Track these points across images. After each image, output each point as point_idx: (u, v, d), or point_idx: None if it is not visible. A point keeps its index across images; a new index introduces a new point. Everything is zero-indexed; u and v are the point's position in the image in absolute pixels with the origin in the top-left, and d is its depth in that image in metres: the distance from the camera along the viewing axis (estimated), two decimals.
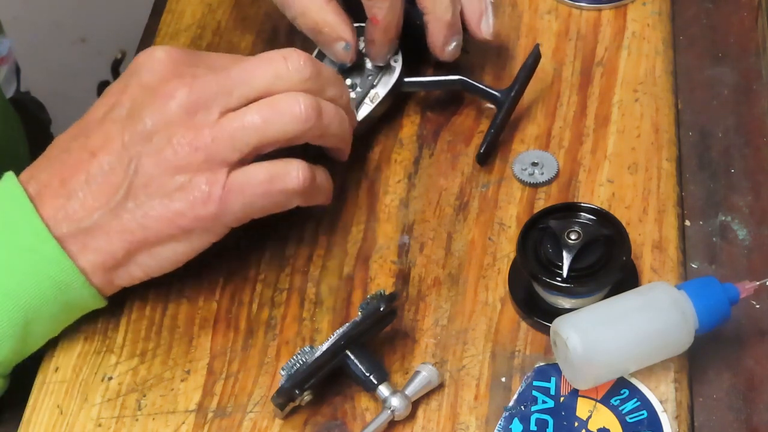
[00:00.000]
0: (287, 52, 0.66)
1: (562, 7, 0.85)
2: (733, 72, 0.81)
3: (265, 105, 0.65)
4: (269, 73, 0.66)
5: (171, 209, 0.64)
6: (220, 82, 0.65)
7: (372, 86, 0.77)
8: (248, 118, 0.64)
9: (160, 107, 0.64)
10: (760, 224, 0.73)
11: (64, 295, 0.65)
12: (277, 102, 0.65)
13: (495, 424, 0.64)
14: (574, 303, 0.67)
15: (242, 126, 0.64)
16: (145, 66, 0.66)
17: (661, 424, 0.63)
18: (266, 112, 0.65)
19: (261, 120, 0.64)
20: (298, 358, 0.63)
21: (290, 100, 0.65)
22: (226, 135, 0.64)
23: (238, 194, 0.65)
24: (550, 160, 0.76)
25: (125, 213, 0.64)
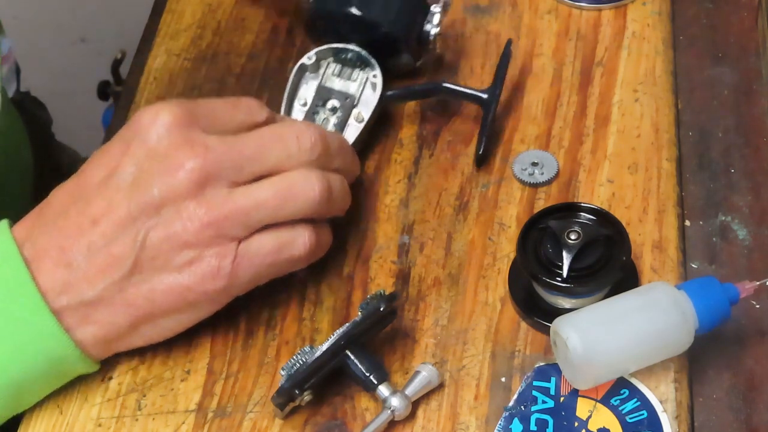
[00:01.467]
0: (300, 130, 0.65)
1: (562, 7, 0.85)
2: (733, 72, 0.81)
3: (279, 185, 0.64)
4: (281, 153, 0.64)
5: (179, 284, 0.62)
6: (232, 156, 0.63)
7: (353, 105, 0.76)
8: (262, 197, 0.63)
9: (170, 178, 0.62)
10: (760, 224, 0.73)
11: (58, 367, 0.63)
12: (292, 183, 0.64)
13: (495, 424, 0.64)
14: (574, 303, 0.67)
15: (256, 205, 0.63)
16: (151, 129, 0.63)
17: (661, 424, 0.63)
18: (281, 193, 0.63)
19: (275, 201, 0.63)
20: (298, 358, 0.63)
21: (305, 183, 0.64)
22: (239, 212, 0.62)
23: (246, 267, 0.63)
24: (550, 160, 0.76)
25: (130, 286, 0.62)
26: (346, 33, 0.77)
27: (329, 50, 0.78)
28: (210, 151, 0.62)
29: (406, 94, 0.79)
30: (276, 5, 0.79)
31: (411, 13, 0.78)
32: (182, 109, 0.63)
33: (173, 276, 0.62)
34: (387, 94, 0.77)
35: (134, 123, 0.64)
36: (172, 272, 0.62)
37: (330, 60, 0.78)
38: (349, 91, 0.77)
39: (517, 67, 0.82)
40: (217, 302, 0.65)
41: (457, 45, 0.84)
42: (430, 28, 0.78)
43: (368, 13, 0.76)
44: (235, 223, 0.62)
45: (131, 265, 0.62)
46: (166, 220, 0.62)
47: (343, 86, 0.77)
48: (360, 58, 0.77)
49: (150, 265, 0.62)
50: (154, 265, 0.62)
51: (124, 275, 0.62)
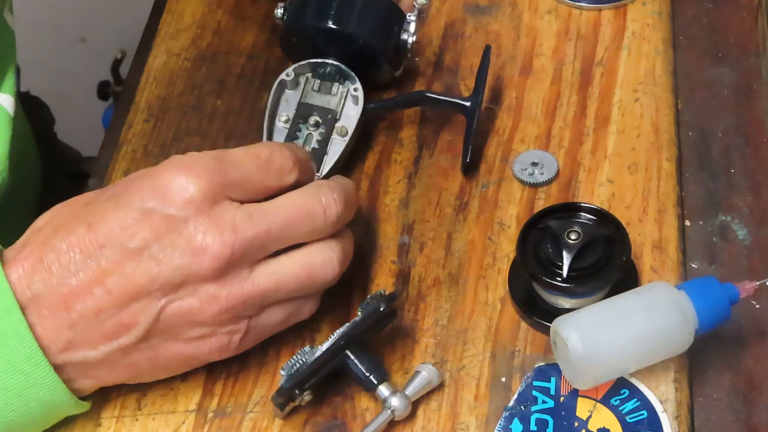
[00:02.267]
0: (328, 204, 0.62)
1: (562, 7, 0.85)
2: (733, 72, 0.81)
3: (302, 267, 0.62)
4: (307, 228, 0.62)
5: (185, 354, 0.62)
6: (260, 237, 0.60)
7: (336, 120, 0.76)
8: (281, 279, 0.62)
9: (193, 260, 0.59)
10: (760, 224, 0.73)
11: (52, 412, 0.62)
12: (314, 263, 0.63)
13: (495, 424, 0.64)
14: (574, 303, 0.67)
15: (276, 288, 0.62)
16: (176, 200, 0.59)
17: (661, 424, 0.63)
18: (302, 275, 0.62)
19: (295, 284, 0.62)
20: (298, 358, 0.63)
21: (326, 263, 0.63)
22: (257, 296, 0.61)
23: (253, 338, 0.64)
24: (550, 160, 0.76)
25: (135, 352, 0.61)
26: (322, 47, 0.77)
27: (307, 65, 0.77)
28: (237, 235, 0.59)
29: (388, 105, 0.78)
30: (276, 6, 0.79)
31: (386, 24, 0.77)
32: (211, 180, 0.60)
33: (181, 346, 0.62)
34: (369, 106, 0.76)
35: (160, 188, 0.60)
36: (180, 342, 0.62)
37: (308, 75, 0.77)
38: (330, 106, 0.76)
39: (517, 67, 0.82)
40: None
41: (457, 45, 0.84)
42: (407, 36, 0.78)
43: (344, 27, 0.76)
44: (253, 304, 0.62)
45: (140, 336, 0.60)
46: (183, 299, 0.60)
47: (323, 101, 0.76)
48: (339, 71, 0.77)
49: (159, 336, 0.61)
50: (164, 336, 0.61)
51: (131, 343, 0.61)
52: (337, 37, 0.76)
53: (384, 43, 0.77)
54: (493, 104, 0.80)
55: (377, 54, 0.77)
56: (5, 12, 0.76)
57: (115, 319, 0.60)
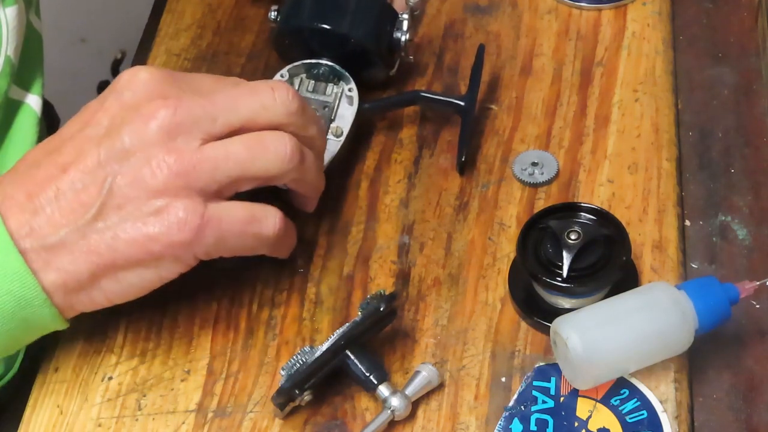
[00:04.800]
0: (276, 84, 0.65)
1: (562, 7, 0.85)
2: (733, 72, 0.81)
3: (251, 139, 0.63)
4: (256, 103, 0.64)
5: (144, 233, 0.61)
6: (205, 106, 0.62)
7: (331, 120, 0.75)
8: (233, 149, 0.62)
9: (141, 127, 0.62)
10: (760, 224, 0.73)
11: (23, 311, 0.62)
12: (264, 138, 0.63)
13: (495, 424, 0.64)
14: (574, 303, 0.67)
15: (226, 156, 0.62)
16: (128, 85, 0.63)
17: (661, 424, 0.63)
18: (252, 146, 0.63)
19: (246, 153, 0.63)
20: (298, 358, 0.63)
21: (277, 139, 0.63)
22: (209, 163, 0.62)
23: (214, 227, 0.62)
24: (550, 160, 0.76)
25: (94, 233, 0.61)
26: (316, 48, 0.77)
27: (301, 66, 0.77)
28: (182, 101, 0.62)
29: (383, 105, 0.78)
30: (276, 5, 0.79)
31: (379, 23, 0.77)
32: (162, 70, 0.64)
33: (138, 225, 0.61)
34: (364, 106, 0.76)
35: (114, 82, 0.64)
36: (137, 221, 0.61)
37: (303, 76, 0.77)
38: (325, 106, 0.76)
39: (517, 67, 0.82)
40: (180, 261, 0.63)
41: (457, 45, 0.84)
42: (400, 35, 0.78)
43: (336, 27, 0.76)
44: (205, 174, 0.62)
45: (96, 212, 0.61)
46: (134, 167, 0.61)
47: (318, 102, 0.76)
48: (333, 72, 0.76)
49: (115, 213, 0.61)
50: (120, 213, 0.61)
51: (87, 221, 0.61)
52: (330, 37, 0.76)
53: (377, 42, 0.77)
54: (493, 104, 0.80)
55: (370, 53, 0.77)
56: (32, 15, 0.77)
57: (72, 199, 0.61)
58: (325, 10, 0.76)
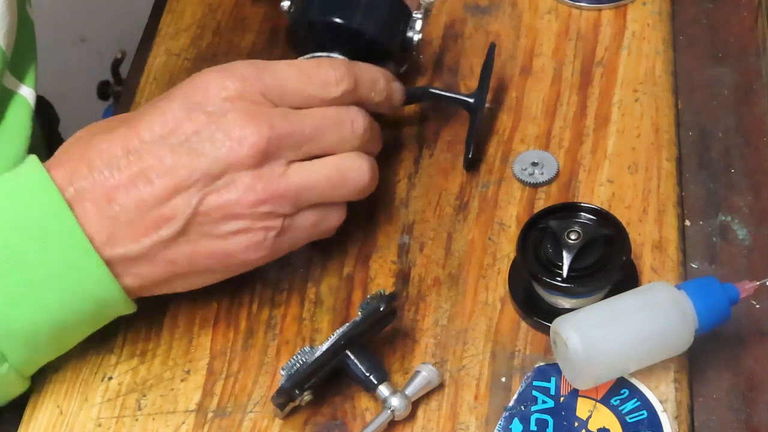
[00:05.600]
0: (355, 116, 0.67)
1: (562, 7, 0.85)
2: (733, 72, 0.81)
3: (332, 169, 0.66)
4: (336, 137, 0.66)
5: (222, 250, 0.64)
6: (293, 136, 0.64)
7: None
8: (315, 178, 0.65)
9: (231, 150, 0.62)
10: (760, 224, 0.73)
11: (103, 310, 0.64)
12: (344, 169, 0.66)
13: (495, 424, 0.64)
14: (574, 303, 0.67)
15: (309, 186, 0.64)
16: (217, 97, 0.63)
17: (661, 424, 0.63)
18: (335, 177, 0.66)
19: (328, 184, 0.65)
20: (298, 358, 0.63)
21: (358, 170, 0.66)
22: (293, 192, 0.64)
23: (287, 240, 0.65)
24: (550, 160, 0.76)
25: (175, 246, 0.63)
26: (328, 42, 0.76)
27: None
28: (274, 129, 0.63)
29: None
30: (276, 5, 0.79)
31: (394, 21, 0.77)
32: (248, 81, 0.64)
33: (218, 242, 0.63)
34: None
35: (200, 88, 0.64)
36: (218, 239, 0.63)
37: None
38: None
39: (517, 67, 0.82)
40: (249, 267, 0.66)
41: (457, 45, 0.84)
42: (413, 34, 0.77)
43: (351, 22, 0.75)
44: (288, 202, 0.64)
45: (180, 228, 0.62)
46: (222, 189, 0.62)
47: None
48: None
49: (198, 230, 0.63)
50: (202, 230, 0.63)
51: (171, 236, 0.62)
52: (343, 32, 0.75)
53: (390, 39, 0.77)
54: (494, 104, 0.80)
55: (383, 51, 0.76)
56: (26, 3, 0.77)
57: (155, 212, 0.62)
58: (339, 5, 0.75)
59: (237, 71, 0.64)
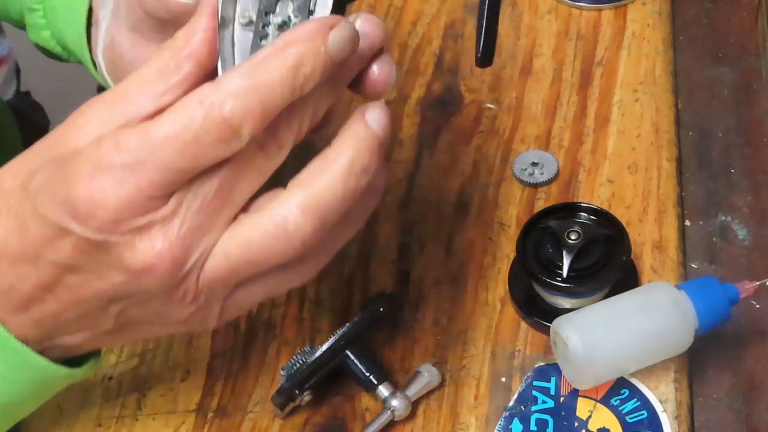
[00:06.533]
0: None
1: (562, 7, 0.85)
2: (733, 72, 0.81)
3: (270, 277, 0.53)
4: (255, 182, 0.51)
5: (165, 331, 0.56)
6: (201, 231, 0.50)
7: (310, 12, 0.52)
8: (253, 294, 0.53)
9: (130, 279, 0.50)
10: (760, 224, 0.73)
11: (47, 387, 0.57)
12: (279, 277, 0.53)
13: (495, 424, 0.64)
14: (574, 303, 0.67)
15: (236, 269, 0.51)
16: (89, 221, 0.49)
17: (661, 424, 0.63)
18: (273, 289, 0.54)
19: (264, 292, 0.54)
20: (298, 358, 0.63)
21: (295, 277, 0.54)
22: (219, 282, 0.51)
23: (235, 311, 0.54)
24: (550, 160, 0.76)
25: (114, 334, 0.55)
26: None
27: None
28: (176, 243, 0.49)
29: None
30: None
31: None
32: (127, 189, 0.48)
33: (157, 329, 0.55)
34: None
35: (70, 205, 0.49)
36: (156, 326, 0.55)
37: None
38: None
39: (517, 67, 0.82)
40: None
41: (457, 45, 0.84)
42: None
43: None
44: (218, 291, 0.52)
45: (111, 328, 0.54)
46: (137, 306, 0.52)
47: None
48: None
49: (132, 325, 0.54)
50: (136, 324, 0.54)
51: (105, 332, 0.54)
52: None
53: None
54: (493, 104, 0.80)
55: None
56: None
57: (77, 320, 0.53)
58: None
59: (110, 175, 0.48)
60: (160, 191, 0.49)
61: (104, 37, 0.65)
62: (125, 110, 0.50)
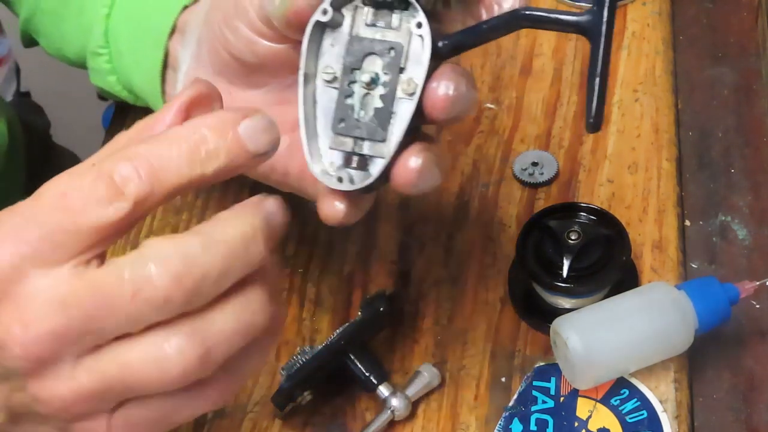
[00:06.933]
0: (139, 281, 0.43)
1: (562, 7, 0.85)
2: (733, 72, 0.81)
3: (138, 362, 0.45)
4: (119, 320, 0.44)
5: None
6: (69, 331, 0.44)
7: (401, 69, 0.51)
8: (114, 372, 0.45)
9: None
10: (760, 224, 0.73)
11: None
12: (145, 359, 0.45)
13: (495, 424, 0.64)
14: (574, 303, 0.67)
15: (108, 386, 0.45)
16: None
17: (661, 424, 0.63)
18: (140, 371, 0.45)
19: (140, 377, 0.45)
20: (298, 358, 0.63)
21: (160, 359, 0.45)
22: (88, 393, 0.45)
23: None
24: (550, 160, 0.76)
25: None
26: None
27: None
28: (30, 328, 0.44)
29: (471, 37, 0.51)
30: None
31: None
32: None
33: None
34: (440, 45, 0.50)
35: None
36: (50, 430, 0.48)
37: (357, 3, 0.52)
38: (393, 43, 0.51)
39: (517, 67, 0.82)
40: None
41: None
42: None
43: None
44: (94, 404, 0.46)
45: (4, 422, 0.48)
46: (17, 392, 0.47)
47: (381, 43, 0.51)
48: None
49: (24, 424, 0.48)
50: (28, 426, 0.48)
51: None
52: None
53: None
54: (493, 104, 0.80)
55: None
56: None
57: None
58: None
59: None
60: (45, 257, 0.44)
61: (184, 80, 0.63)
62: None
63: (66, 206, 0.44)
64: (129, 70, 0.70)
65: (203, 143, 0.45)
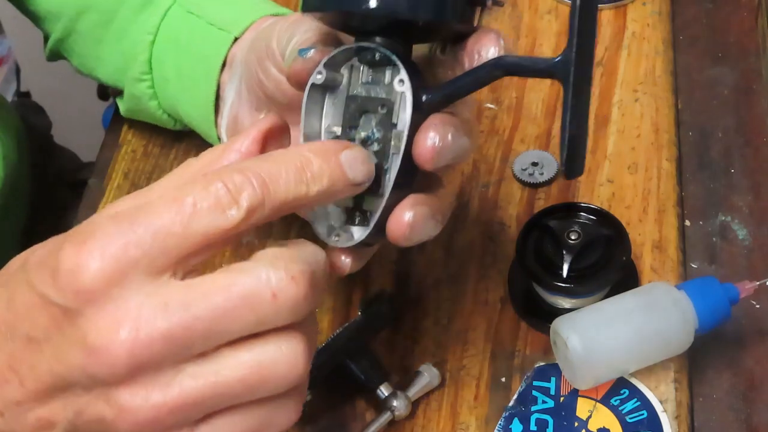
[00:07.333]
0: (280, 284, 0.46)
1: (562, 7, 0.85)
2: (733, 72, 0.81)
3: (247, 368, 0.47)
4: (250, 321, 0.46)
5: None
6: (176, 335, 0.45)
7: (393, 125, 0.52)
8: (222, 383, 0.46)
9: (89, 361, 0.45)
10: (760, 224, 0.73)
11: None
12: (264, 363, 0.47)
13: (495, 424, 0.64)
14: (574, 303, 0.67)
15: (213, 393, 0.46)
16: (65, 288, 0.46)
17: (661, 424, 0.63)
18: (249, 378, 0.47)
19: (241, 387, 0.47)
20: None
21: (282, 361, 0.47)
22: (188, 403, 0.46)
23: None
24: (550, 160, 0.76)
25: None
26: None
27: (347, 52, 0.53)
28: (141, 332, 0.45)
29: (455, 90, 0.53)
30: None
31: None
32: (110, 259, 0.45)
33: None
34: (423, 99, 0.52)
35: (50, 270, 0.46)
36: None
37: (354, 62, 0.53)
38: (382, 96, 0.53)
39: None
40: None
41: None
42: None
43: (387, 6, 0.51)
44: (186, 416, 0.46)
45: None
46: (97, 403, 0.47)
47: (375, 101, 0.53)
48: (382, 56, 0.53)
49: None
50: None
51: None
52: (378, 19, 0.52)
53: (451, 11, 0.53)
54: (493, 104, 0.80)
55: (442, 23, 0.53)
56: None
57: (35, 414, 0.48)
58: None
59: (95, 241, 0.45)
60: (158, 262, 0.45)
61: (228, 113, 0.66)
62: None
63: (178, 211, 0.45)
64: (175, 97, 0.72)
65: (308, 165, 0.47)
